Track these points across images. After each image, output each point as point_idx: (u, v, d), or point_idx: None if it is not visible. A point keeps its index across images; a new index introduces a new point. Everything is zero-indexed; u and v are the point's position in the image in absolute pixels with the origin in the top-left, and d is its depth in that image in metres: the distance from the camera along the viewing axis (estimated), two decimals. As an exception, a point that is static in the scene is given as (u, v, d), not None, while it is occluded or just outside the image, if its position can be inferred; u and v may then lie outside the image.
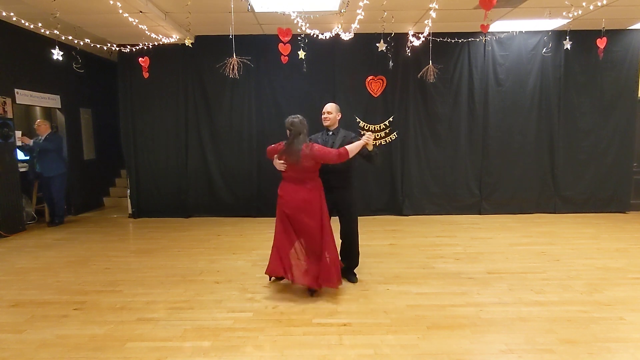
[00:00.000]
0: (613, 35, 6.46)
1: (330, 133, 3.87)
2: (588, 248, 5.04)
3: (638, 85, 6.81)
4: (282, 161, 3.57)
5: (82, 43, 5.56)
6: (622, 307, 3.37)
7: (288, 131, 3.55)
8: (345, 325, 3.09)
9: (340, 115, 3.92)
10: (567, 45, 5.70)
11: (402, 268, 4.36)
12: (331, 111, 3.85)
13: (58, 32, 5.06)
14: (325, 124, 3.86)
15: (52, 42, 5.13)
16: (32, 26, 5.14)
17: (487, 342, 2.83)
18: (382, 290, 3.77)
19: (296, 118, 3.55)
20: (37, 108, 7.62)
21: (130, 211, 7.14)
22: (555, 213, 6.98)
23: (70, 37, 5.38)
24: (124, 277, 4.17)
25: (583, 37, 6.33)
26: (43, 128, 6.39)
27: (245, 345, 2.82)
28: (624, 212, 7.01)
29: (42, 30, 5.26)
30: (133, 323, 3.16)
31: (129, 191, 7.13)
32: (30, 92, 6.33)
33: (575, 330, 2.98)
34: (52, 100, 6.86)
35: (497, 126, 6.88)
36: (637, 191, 7.10)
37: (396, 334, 2.95)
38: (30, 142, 6.29)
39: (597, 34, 5.74)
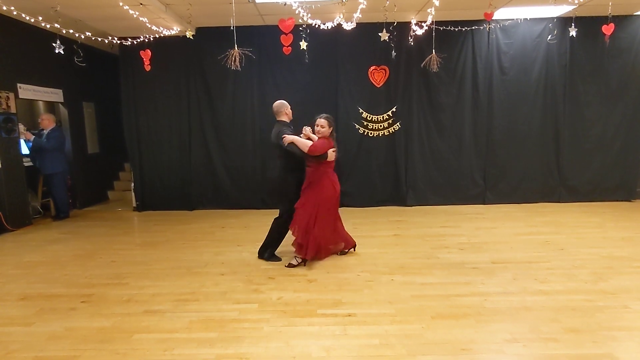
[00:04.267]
0: (620, 21, 6.35)
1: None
2: (593, 237, 5.02)
3: (645, 71, 6.72)
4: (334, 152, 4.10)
5: (83, 36, 5.54)
6: (627, 295, 3.36)
7: (329, 124, 4.02)
8: (350, 315, 3.11)
9: None
10: (573, 32, 5.61)
11: (407, 258, 4.37)
12: None
13: (59, 26, 5.05)
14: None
15: (53, 36, 5.11)
16: (32, 20, 5.12)
17: (491, 332, 2.84)
18: (387, 280, 3.78)
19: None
20: (40, 102, 7.63)
21: (134, 204, 7.18)
22: (560, 202, 6.94)
23: (71, 31, 5.36)
24: (130, 270, 4.21)
25: (589, 24, 6.23)
26: (46, 122, 6.39)
27: (251, 336, 2.85)
28: (630, 201, 6.96)
29: (43, 24, 5.24)
30: (140, 315, 3.19)
31: (133, 185, 7.16)
32: (33, 87, 6.33)
33: (579, 319, 2.98)
34: (55, 95, 6.86)
35: (502, 115, 6.82)
36: (643, 179, 7.05)
37: (401, 324, 2.96)
38: (31, 137, 6.28)
39: (604, 20, 5.65)
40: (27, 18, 5.13)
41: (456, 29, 6.38)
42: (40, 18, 5.13)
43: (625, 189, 6.97)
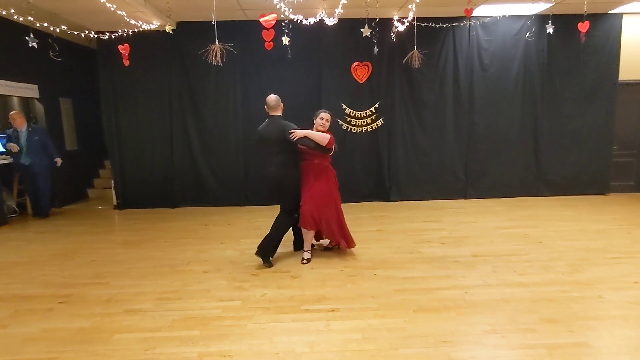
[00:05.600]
0: (594, 19, 6.51)
1: None
2: (569, 230, 5.16)
3: (619, 69, 6.90)
4: None
5: (58, 30, 5.38)
6: (601, 286, 3.47)
7: (330, 119, 4.24)
8: (333, 310, 3.13)
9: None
10: (550, 29, 5.73)
11: (390, 253, 4.42)
12: None
13: (32, 19, 4.88)
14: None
15: (27, 29, 4.94)
16: (4, 12, 4.93)
17: (471, 324, 2.90)
18: (370, 275, 3.82)
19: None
20: (15, 98, 7.39)
21: (115, 202, 7.04)
22: (538, 196, 7.11)
23: (45, 24, 5.19)
24: (111, 269, 4.13)
25: (565, 22, 6.36)
26: (19, 120, 6.19)
27: (234, 333, 2.84)
28: (604, 194, 7.18)
29: (16, 17, 5.06)
30: (121, 315, 3.14)
31: (113, 182, 7.02)
32: (6, 82, 6.12)
33: (556, 310, 3.07)
34: (30, 90, 6.65)
35: (483, 111, 6.93)
36: (616, 173, 7.27)
37: (383, 318, 3.00)
38: (60, 161, 6.48)
39: (579, 18, 5.76)
40: (-1, 10, 4.94)
41: (437, 26, 6.43)
42: (12, 10, 4.95)
43: (600, 183, 7.18)
